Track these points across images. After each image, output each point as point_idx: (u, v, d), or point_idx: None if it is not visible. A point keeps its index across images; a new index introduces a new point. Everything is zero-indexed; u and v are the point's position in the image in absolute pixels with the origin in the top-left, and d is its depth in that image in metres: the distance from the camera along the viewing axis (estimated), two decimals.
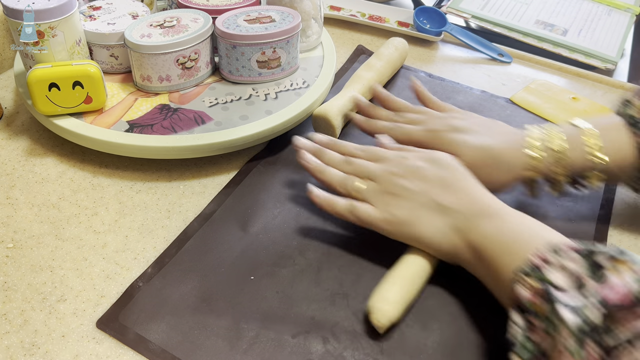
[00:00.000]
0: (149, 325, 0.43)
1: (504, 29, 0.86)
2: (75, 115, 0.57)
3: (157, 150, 0.55)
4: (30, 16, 0.52)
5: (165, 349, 0.42)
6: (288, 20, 0.63)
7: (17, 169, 0.57)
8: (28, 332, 0.43)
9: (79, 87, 0.55)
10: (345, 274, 0.48)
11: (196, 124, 0.58)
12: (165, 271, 0.47)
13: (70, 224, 0.51)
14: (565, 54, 0.83)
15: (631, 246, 0.53)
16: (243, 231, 0.51)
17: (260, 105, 0.61)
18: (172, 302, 0.45)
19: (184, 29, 0.60)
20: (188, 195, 0.55)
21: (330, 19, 0.87)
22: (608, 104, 0.74)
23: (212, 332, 0.43)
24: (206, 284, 0.46)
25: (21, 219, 0.51)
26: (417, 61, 0.80)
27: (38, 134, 0.61)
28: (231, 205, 0.54)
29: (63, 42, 0.55)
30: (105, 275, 0.47)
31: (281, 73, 0.65)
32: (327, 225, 0.53)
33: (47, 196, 0.54)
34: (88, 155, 0.59)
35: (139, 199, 0.54)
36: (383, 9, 0.88)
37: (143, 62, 0.59)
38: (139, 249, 0.50)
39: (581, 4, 0.96)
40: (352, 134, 0.64)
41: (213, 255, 0.49)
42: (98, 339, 0.42)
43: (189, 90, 0.63)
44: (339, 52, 0.79)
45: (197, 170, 0.58)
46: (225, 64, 0.63)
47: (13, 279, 0.46)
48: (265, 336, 0.43)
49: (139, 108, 0.59)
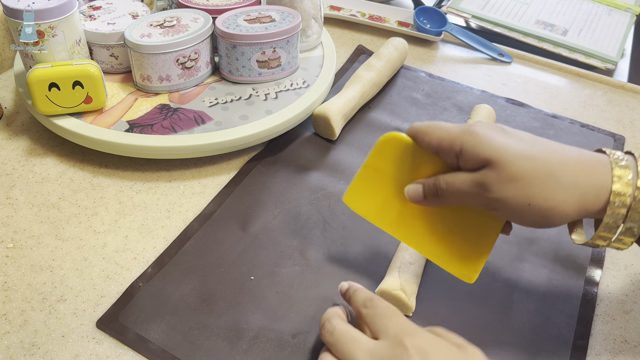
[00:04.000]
0: (149, 325, 0.43)
1: (504, 29, 0.86)
2: (75, 115, 0.57)
3: (157, 150, 0.55)
4: (30, 16, 0.52)
5: (165, 349, 0.42)
6: (288, 20, 0.63)
7: (17, 169, 0.57)
8: (28, 332, 0.42)
9: (79, 87, 0.55)
10: (345, 274, 0.48)
11: (196, 124, 0.58)
12: (165, 271, 0.47)
13: (70, 224, 0.51)
14: (566, 54, 0.83)
15: (631, 246, 0.53)
16: (243, 231, 0.51)
17: (260, 105, 0.61)
18: (172, 302, 0.45)
19: (184, 29, 0.60)
20: (188, 195, 0.55)
21: (330, 19, 0.87)
22: (608, 104, 0.74)
23: (212, 332, 0.43)
24: (206, 284, 0.46)
25: (21, 219, 0.51)
26: (417, 61, 0.80)
27: (38, 134, 0.61)
28: (231, 205, 0.54)
29: (63, 42, 0.55)
30: (105, 275, 0.47)
31: (281, 73, 0.65)
32: (327, 225, 0.53)
33: (47, 196, 0.54)
34: (88, 155, 0.59)
35: (139, 199, 0.54)
36: (383, 8, 0.88)
37: (143, 62, 0.59)
38: (139, 249, 0.50)
39: (581, 4, 0.96)
40: (351, 134, 0.64)
41: (213, 255, 0.49)
42: (98, 339, 0.42)
43: (189, 90, 0.62)
44: (339, 52, 0.79)
45: (197, 170, 0.58)
46: (225, 64, 0.63)
47: (13, 279, 0.46)
48: (265, 336, 0.43)
49: (139, 108, 0.59)
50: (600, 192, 0.37)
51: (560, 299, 0.47)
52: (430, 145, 0.40)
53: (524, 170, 0.36)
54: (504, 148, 0.37)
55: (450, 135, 0.39)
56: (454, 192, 0.39)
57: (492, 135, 0.38)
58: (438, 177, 0.40)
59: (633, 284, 0.50)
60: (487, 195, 0.37)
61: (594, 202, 0.37)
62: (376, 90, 0.69)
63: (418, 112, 0.68)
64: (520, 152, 0.37)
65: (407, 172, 0.43)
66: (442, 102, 0.71)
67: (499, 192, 0.37)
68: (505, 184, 0.36)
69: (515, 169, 0.36)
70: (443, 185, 0.40)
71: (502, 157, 0.37)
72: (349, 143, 0.63)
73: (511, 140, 0.38)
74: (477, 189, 0.38)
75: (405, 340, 0.34)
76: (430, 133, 0.40)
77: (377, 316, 0.37)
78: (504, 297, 0.47)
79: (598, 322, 0.47)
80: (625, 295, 0.49)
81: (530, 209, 0.37)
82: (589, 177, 0.37)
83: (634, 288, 0.50)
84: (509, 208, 0.37)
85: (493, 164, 0.37)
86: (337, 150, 0.62)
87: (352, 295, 0.40)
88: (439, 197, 0.40)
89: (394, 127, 0.65)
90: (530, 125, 0.68)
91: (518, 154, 0.37)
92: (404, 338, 0.34)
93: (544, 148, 0.38)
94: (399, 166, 0.43)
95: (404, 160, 0.42)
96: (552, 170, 0.36)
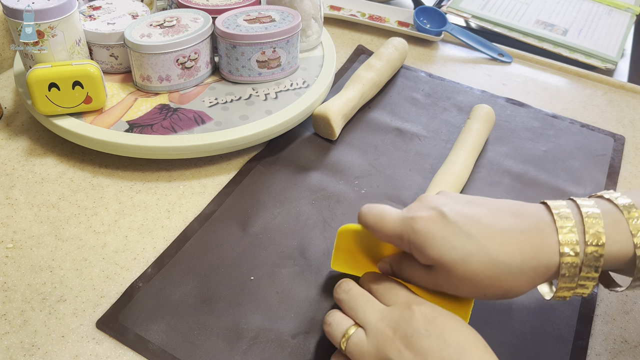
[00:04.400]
0: (149, 325, 0.43)
1: (504, 28, 0.86)
2: (75, 115, 0.57)
3: (157, 150, 0.55)
4: (30, 16, 0.52)
5: (165, 350, 0.42)
6: (288, 20, 0.63)
7: (17, 169, 0.57)
8: (28, 332, 0.42)
9: (79, 87, 0.55)
10: (345, 274, 0.48)
11: (196, 124, 0.58)
12: (165, 271, 0.47)
13: (70, 224, 0.51)
14: (566, 53, 0.83)
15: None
16: (243, 231, 0.51)
17: (260, 105, 0.61)
18: (172, 302, 0.45)
19: (183, 29, 0.60)
20: (188, 195, 0.55)
21: (330, 19, 0.87)
22: (608, 104, 0.74)
23: (212, 333, 0.43)
24: (206, 284, 0.46)
25: (21, 219, 0.51)
26: (417, 61, 0.80)
27: (38, 134, 0.61)
28: (231, 205, 0.54)
29: (63, 42, 0.55)
30: (105, 276, 0.47)
31: (281, 73, 0.65)
32: (327, 225, 0.53)
33: (47, 196, 0.54)
34: (88, 155, 0.59)
35: (139, 199, 0.54)
36: (383, 8, 0.88)
37: (143, 62, 0.59)
38: (139, 249, 0.50)
39: (581, 4, 0.96)
40: (351, 134, 0.64)
41: (213, 255, 0.49)
42: (98, 340, 0.42)
43: (189, 90, 0.62)
44: (339, 52, 0.79)
45: (197, 170, 0.58)
46: (225, 64, 0.63)
47: (13, 279, 0.46)
48: (265, 336, 0.43)
49: (139, 108, 0.59)
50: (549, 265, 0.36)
51: None
52: (382, 239, 0.41)
53: (471, 270, 0.36)
54: (447, 251, 0.37)
55: (397, 232, 0.39)
56: (414, 282, 0.41)
57: (436, 235, 0.37)
58: (400, 265, 0.42)
59: None
60: (443, 289, 0.39)
61: (545, 274, 0.36)
62: (376, 90, 0.69)
63: (418, 112, 0.68)
64: (463, 253, 0.36)
65: (372, 249, 0.44)
66: (442, 102, 0.71)
67: (453, 289, 0.38)
68: (457, 283, 0.37)
69: (462, 271, 0.36)
70: (404, 273, 0.41)
71: (447, 262, 0.37)
72: (349, 143, 0.63)
73: (454, 238, 0.37)
74: (433, 284, 0.39)
75: (414, 306, 0.37)
76: (378, 229, 0.40)
77: (387, 289, 0.40)
78: None
79: (598, 322, 0.47)
80: (625, 295, 0.49)
81: (486, 297, 0.38)
82: (535, 258, 0.36)
83: None
84: (467, 297, 0.40)
85: (440, 267, 0.37)
86: (337, 150, 0.62)
87: (362, 278, 0.43)
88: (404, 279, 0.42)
89: (394, 127, 0.65)
90: (530, 125, 0.68)
91: (461, 255, 0.36)
92: (413, 305, 0.37)
93: (484, 231, 0.37)
94: (363, 247, 0.45)
95: (365, 242, 0.44)
96: (497, 261, 0.36)
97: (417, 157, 0.62)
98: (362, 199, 0.56)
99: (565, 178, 0.60)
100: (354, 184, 0.57)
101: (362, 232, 0.43)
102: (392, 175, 0.59)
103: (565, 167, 0.62)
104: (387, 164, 0.60)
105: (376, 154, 0.61)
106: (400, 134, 0.65)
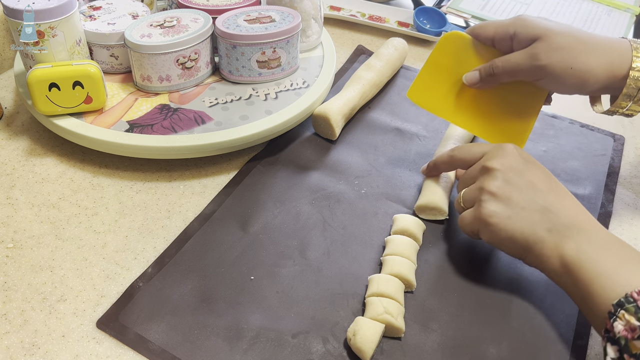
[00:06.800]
0: (149, 325, 0.43)
1: None
2: (75, 115, 0.57)
3: (157, 150, 0.55)
4: (30, 16, 0.52)
5: (165, 349, 0.42)
6: (288, 20, 0.63)
7: (17, 169, 0.57)
8: (28, 332, 0.42)
9: (79, 87, 0.55)
10: (345, 274, 0.48)
11: (196, 124, 0.58)
12: (165, 271, 0.47)
13: (70, 224, 0.51)
14: None
15: None
16: (243, 231, 0.51)
17: (260, 105, 0.61)
18: (172, 302, 0.45)
19: (184, 29, 0.60)
20: (188, 195, 0.55)
21: (330, 19, 0.87)
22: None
23: (212, 332, 0.43)
24: (206, 284, 0.46)
25: (21, 219, 0.51)
26: (417, 61, 0.80)
27: (38, 134, 0.61)
28: (231, 205, 0.54)
29: (63, 42, 0.55)
30: (105, 275, 0.47)
31: (281, 73, 0.65)
32: (327, 225, 0.53)
33: (47, 196, 0.54)
34: (88, 155, 0.59)
35: (139, 199, 0.54)
36: (383, 9, 0.88)
37: (143, 62, 0.59)
38: (139, 249, 0.50)
39: (581, 4, 0.96)
40: (351, 134, 0.64)
41: (213, 255, 0.49)
42: (98, 339, 0.42)
43: (189, 90, 0.63)
44: (339, 52, 0.79)
45: (197, 170, 0.58)
46: (225, 64, 0.63)
47: (13, 279, 0.46)
48: (265, 336, 0.43)
49: (139, 108, 0.59)
50: (623, 60, 0.47)
51: (560, 299, 0.47)
52: (487, 36, 0.51)
53: (566, 41, 0.47)
54: (549, 27, 0.48)
55: (504, 24, 0.50)
56: (507, 69, 0.49)
57: (538, 19, 0.49)
58: (494, 59, 0.51)
59: None
60: (537, 63, 0.48)
61: (620, 67, 0.47)
62: (376, 91, 0.69)
63: (418, 112, 0.68)
64: (561, 29, 0.48)
65: (464, 64, 0.52)
66: None
67: (547, 59, 0.47)
68: (552, 52, 0.47)
69: (560, 40, 0.47)
70: (499, 64, 0.50)
71: (549, 32, 0.48)
72: (349, 143, 0.63)
73: (553, 22, 0.49)
74: (529, 59, 0.48)
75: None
76: (486, 26, 0.51)
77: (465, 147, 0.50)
78: (504, 297, 0.47)
79: None
80: None
81: (572, 72, 0.47)
82: (615, 49, 0.48)
83: None
84: (554, 74, 0.48)
85: (542, 37, 0.48)
86: (337, 150, 0.62)
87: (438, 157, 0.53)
88: (494, 75, 0.50)
89: (393, 127, 0.65)
90: None
91: (560, 30, 0.48)
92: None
93: (578, 29, 0.49)
94: (458, 59, 0.52)
95: (463, 53, 0.52)
96: (587, 41, 0.48)
97: (417, 157, 0.62)
98: (362, 199, 0.56)
99: (565, 178, 0.60)
100: (354, 183, 0.57)
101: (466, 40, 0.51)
102: (392, 175, 0.59)
103: (565, 167, 0.62)
104: (387, 164, 0.60)
105: (376, 154, 0.61)
106: (400, 134, 0.65)
